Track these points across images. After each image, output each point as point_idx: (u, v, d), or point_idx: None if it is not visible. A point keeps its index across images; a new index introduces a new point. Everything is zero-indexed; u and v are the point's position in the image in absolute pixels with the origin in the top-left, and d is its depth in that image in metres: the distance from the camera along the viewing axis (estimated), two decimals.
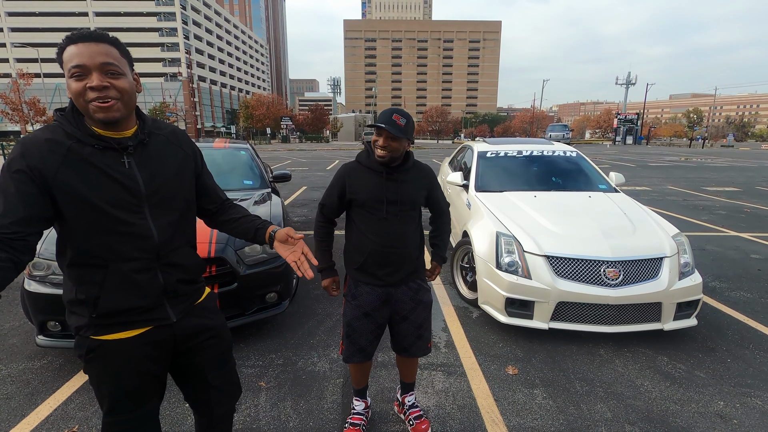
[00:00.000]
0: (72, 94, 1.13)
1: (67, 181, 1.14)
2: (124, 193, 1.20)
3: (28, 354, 2.97)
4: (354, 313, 1.97)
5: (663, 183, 12.66)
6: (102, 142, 1.18)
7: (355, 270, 1.96)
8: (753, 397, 2.49)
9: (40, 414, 2.33)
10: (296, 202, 9.21)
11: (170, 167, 1.32)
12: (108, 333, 1.27)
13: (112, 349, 1.28)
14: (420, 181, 1.95)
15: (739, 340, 3.16)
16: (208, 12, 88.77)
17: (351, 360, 2.04)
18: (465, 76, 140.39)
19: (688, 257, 3.24)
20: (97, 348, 1.27)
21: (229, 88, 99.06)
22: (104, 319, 1.25)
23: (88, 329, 1.26)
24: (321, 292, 4.07)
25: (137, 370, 1.32)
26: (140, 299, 1.26)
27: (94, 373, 1.31)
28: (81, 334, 1.27)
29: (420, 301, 2.01)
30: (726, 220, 7.37)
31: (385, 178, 1.86)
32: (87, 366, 1.31)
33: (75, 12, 74.65)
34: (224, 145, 5.05)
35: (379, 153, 1.81)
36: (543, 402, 2.45)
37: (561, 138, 39.44)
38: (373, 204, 1.86)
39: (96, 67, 1.12)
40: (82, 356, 1.29)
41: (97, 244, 1.20)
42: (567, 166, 4.77)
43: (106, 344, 1.27)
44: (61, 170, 1.13)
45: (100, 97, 1.12)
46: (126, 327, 1.28)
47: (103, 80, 1.12)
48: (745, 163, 21.30)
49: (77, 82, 1.11)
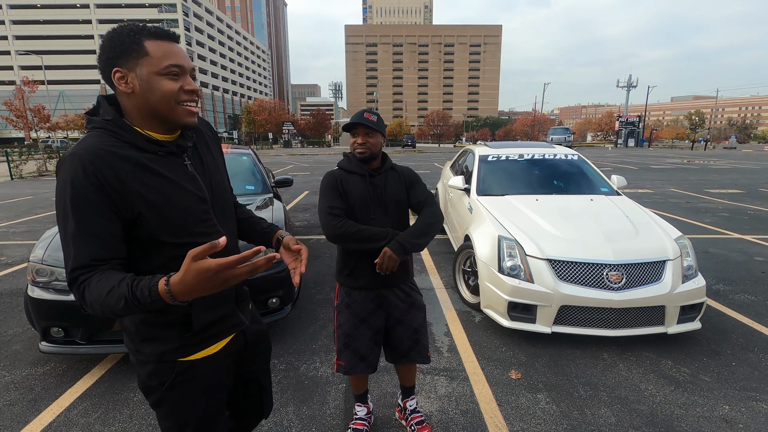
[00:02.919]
0: (162, 92, 1.02)
1: (144, 196, 1.01)
2: (195, 200, 1.10)
3: (31, 360, 2.97)
4: (350, 322, 1.97)
5: (665, 185, 12.62)
6: (164, 148, 1.06)
7: (347, 276, 1.97)
8: (759, 401, 2.47)
9: (42, 420, 2.33)
10: (298, 207, 9.23)
11: (219, 167, 1.24)
12: (198, 351, 1.17)
13: (203, 368, 1.18)
14: (400, 180, 1.98)
15: (744, 344, 3.14)
16: (210, 19, 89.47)
17: (353, 371, 1.99)
18: (466, 80, 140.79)
19: (691, 260, 3.22)
20: (187, 370, 1.15)
21: (231, 93, 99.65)
22: (196, 337, 1.15)
23: (176, 352, 1.13)
24: (323, 296, 4.07)
25: (223, 385, 1.26)
26: (225, 307, 1.20)
27: (177, 400, 1.17)
28: (165, 360, 1.13)
29: (413, 303, 2.02)
30: (729, 223, 7.33)
31: (368, 181, 1.91)
32: (168, 394, 1.15)
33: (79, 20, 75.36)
34: (226, 150, 5.07)
35: (358, 150, 1.88)
36: (546, 407, 2.44)
37: (562, 141, 39.43)
38: (362, 205, 1.89)
39: (190, 70, 1.07)
40: (165, 384, 1.14)
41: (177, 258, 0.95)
42: (569, 170, 4.77)
43: (197, 363, 1.16)
44: (136, 185, 1.00)
45: (192, 101, 1.08)
46: (215, 339, 1.20)
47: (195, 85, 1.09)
48: (747, 165, 21.23)
49: (173, 82, 1.03)
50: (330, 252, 5.56)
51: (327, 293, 4.15)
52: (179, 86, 1.04)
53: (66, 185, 0.96)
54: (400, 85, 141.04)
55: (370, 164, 1.93)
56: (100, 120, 1.04)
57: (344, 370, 2.00)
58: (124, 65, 1.01)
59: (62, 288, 2.63)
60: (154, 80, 1.01)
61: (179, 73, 1.04)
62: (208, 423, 1.23)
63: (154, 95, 1.02)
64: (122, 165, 0.99)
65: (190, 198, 1.08)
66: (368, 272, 1.90)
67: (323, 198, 1.92)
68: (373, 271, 1.87)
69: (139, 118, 1.05)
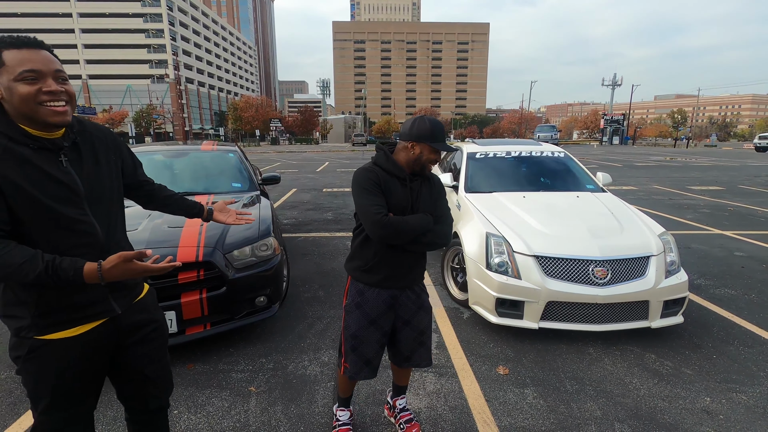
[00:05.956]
0: (20, 96, 1.15)
1: (12, 180, 1.15)
2: (66, 191, 1.23)
3: (10, 363, 2.86)
4: (360, 323, 1.91)
5: (649, 183, 12.87)
6: (37, 143, 1.21)
7: (364, 272, 1.89)
8: (738, 393, 2.54)
9: (23, 424, 2.27)
10: (286, 205, 9.16)
11: (101, 165, 1.37)
12: (53, 332, 1.28)
13: (58, 348, 1.29)
14: (433, 190, 1.93)
15: (724, 337, 3.22)
16: (195, 13, 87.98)
17: (358, 377, 1.95)
18: (454, 77, 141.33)
19: (674, 256, 3.29)
20: (40, 347, 1.28)
21: (218, 90, 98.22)
22: (46, 318, 1.27)
23: (30, 330, 1.26)
24: (311, 294, 4.04)
25: (81, 368, 1.34)
26: (92, 294, 1.31)
27: (31, 373, 1.30)
28: (22, 336, 1.27)
29: (422, 305, 1.99)
30: (710, 219, 7.51)
31: (408, 186, 1.84)
32: (24, 366, 1.30)
33: (59, 13, 73.40)
34: (212, 147, 5.00)
35: (430, 167, 1.86)
36: (534, 401, 2.47)
37: (549, 139, 39.87)
38: (396, 210, 1.81)
39: (50, 73, 1.19)
40: (21, 357, 1.28)
41: (44, 241, 1.21)
42: (555, 167, 4.82)
43: (51, 343, 1.28)
44: (6, 171, 1.15)
45: (54, 101, 1.19)
46: (72, 324, 1.30)
47: (59, 86, 1.20)
48: (728, 162, 21.75)
49: (29, 86, 1.15)
50: (318, 250, 5.53)
51: (315, 291, 4.13)
52: (36, 89, 1.16)
53: None
54: (388, 82, 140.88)
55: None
56: None
57: (350, 374, 1.95)
58: None
59: None
60: (12, 86, 1.15)
61: (37, 77, 1.17)
62: (61, 401, 1.34)
63: (15, 99, 1.16)
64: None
65: (57, 185, 1.22)
66: (388, 269, 1.86)
67: (369, 196, 1.76)
68: (394, 267, 1.85)
69: (17, 118, 1.20)
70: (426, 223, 1.80)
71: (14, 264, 1.12)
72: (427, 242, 1.85)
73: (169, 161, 4.59)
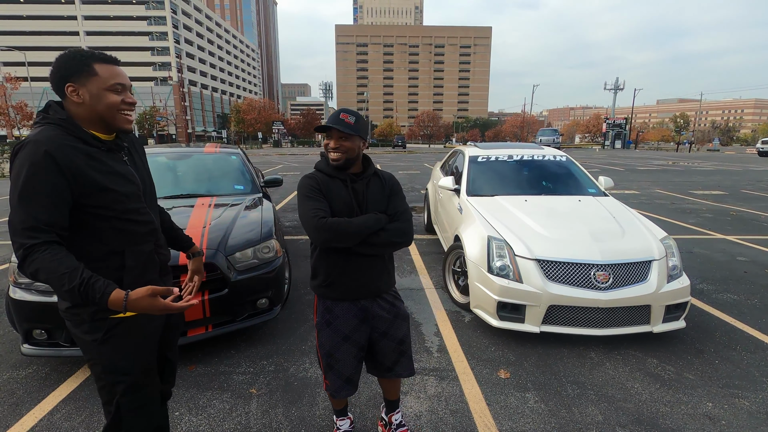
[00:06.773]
0: (108, 104, 1.33)
1: (93, 179, 1.29)
2: (132, 186, 1.41)
3: (12, 363, 2.91)
4: (332, 341, 1.83)
5: (651, 187, 12.84)
6: (104, 144, 1.38)
7: (326, 287, 1.81)
8: (741, 398, 2.52)
9: (24, 425, 2.28)
10: (288, 207, 9.18)
11: (144, 165, 1.57)
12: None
13: (132, 325, 1.40)
14: (383, 187, 1.84)
15: (726, 342, 3.21)
16: (199, 16, 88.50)
17: (339, 395, 1.89)
18: (456, 81, 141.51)
19: (676, 260, 3.28)
20: (117, 325, 1.37)
21: (221, 92, 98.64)
22: None
23: (106, 310, 1.30)
24: (313, 297, 4.04)
25: (151, 345, 1.50)
26: (151, 275, 1.47)
27: (111, 352, 1.38)
28: (98, 318, 1.35)
29: (398, 313, 1.90)
30: (713, 223, 7.48)
31: (350, 186, 1.77)
32: (102, 348, 1.37)
33: (64, 15, 73.95)
34: (215, 149, 5.02)
35: (332, 156, 1.73)
36: (535, 405, 2.46)
37: (551, 142, 39.81)
38: (344, 213, 1.73)
39: (129, 87, 1.40)
40: (98, 340, 1.36)
41: (117, 232, 1.37)
42: (557, 171, 4.82)
43: (126, 320, 1.38)
44: (88, 169, 1.28)
45: (129, 111, 1.39)
46: None
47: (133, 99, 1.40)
48: (730, 167, 21.69)
49: (116, 96, 1.34)
50: None
51: None
52: (121, 99, 1.36)
53: (25, 165, 1.21)
54: (390, 85, 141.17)
55: (349, 169, 1.79)
56: (56, 117, 1.31)
57: (331, 391, 1.90)
58: (77, 81, 1.30)
59: (45, 289, 2.57)
60: (102, 94, 1.32)
61: (121, 90, 1.36)
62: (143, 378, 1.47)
63: (101, 105, 1.32)
64: (75, 153, 1.27)
65: (125, 181, 1.39)
66: (350, 280, 1.78)
67: (307, 202, 1.71)
68: (357, 276, 1.77)
69: (85, 121, 1.34)
70: (375, 223, 1.70)
71: (58, 272, 1.19)
72: (384, 242, 1.74)
73: (173, 163, 4.61)
